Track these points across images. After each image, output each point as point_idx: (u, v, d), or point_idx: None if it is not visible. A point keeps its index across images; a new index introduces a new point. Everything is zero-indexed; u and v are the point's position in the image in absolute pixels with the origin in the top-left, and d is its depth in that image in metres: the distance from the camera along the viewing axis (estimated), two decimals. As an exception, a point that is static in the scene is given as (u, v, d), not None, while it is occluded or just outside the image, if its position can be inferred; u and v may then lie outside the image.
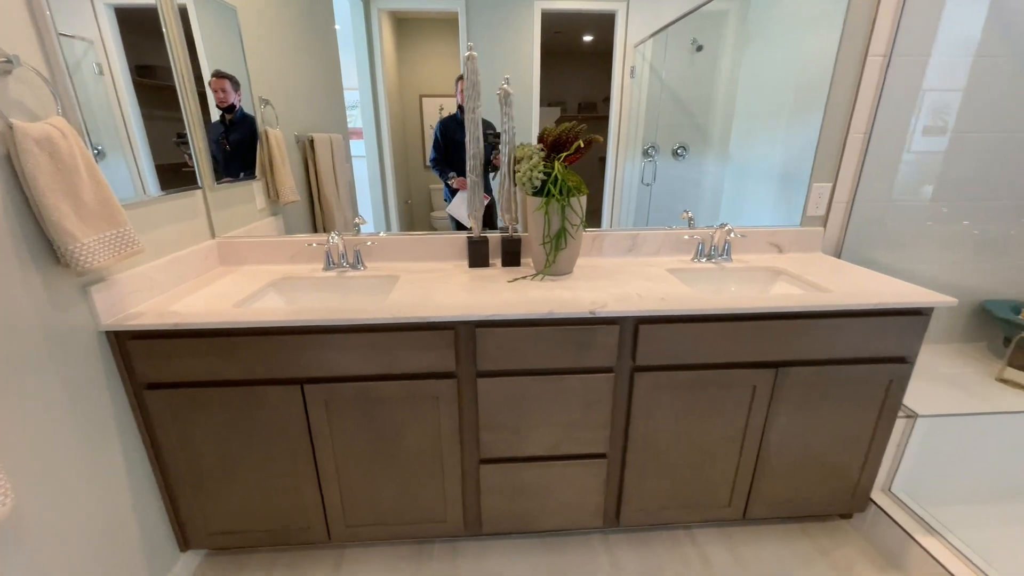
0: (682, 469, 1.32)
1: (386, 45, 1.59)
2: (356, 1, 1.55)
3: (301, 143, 1.64)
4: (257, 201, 1.62)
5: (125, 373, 1.11)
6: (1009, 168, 1.61)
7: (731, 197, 1.74)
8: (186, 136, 1.38)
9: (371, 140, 1.67)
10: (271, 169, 1.59)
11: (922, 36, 1.44)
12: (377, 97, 1.62)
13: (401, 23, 1.59)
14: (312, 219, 1.70)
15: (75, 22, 1.03)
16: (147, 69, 1.25)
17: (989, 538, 1.31)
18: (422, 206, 1.80)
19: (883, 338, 1.21)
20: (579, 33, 1.62)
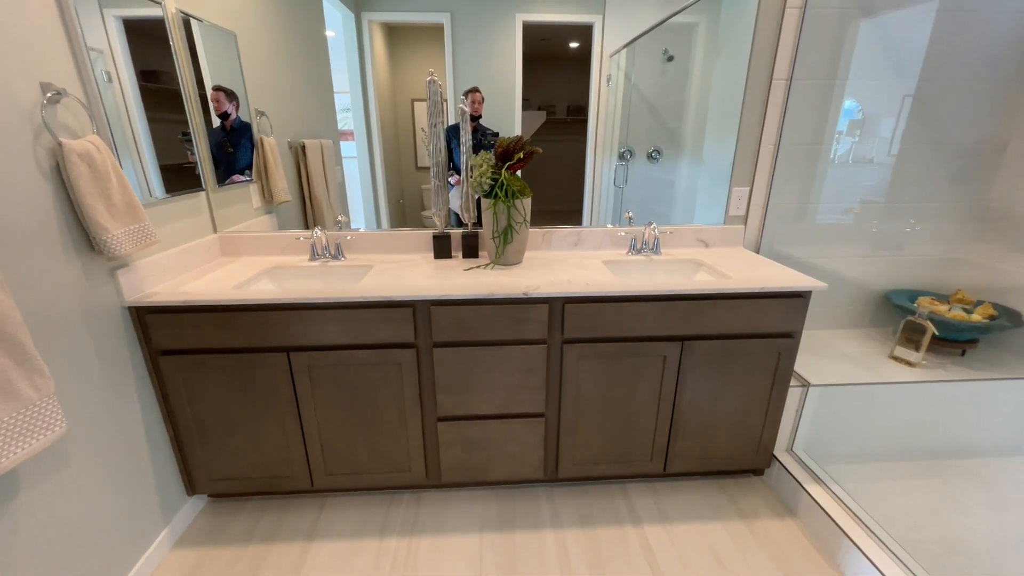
0: (609, 428, 1.57)
1: (378, 52, 1.75)
2: (348, 12, 1.73)
3: (294, 148, 1.86)
4: (253, 201, 1.85)
5: (143, 342, 1.36)
6: (902, 175, 1.86)
7: (704, 198, 1.94)
8: (190, 135, 1.61)
9: (362, 142, 1.85)
10: (266, 173, 1.83)
11: (820, 62, 1.69)
12: (368, 102, 1.79)
13: (392, 31, 1.75)
14: (304, 217, 1.92)
15: (88, 34, 1.18)
16: (152, 75, 1.45)
17: (870, 489, 1.57)
18: (414, 206, 1.98)
19: (771, 317, 1.46)
20: (564, 40, 1.77)
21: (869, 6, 1.67)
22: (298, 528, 1.54)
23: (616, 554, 1.45)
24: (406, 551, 1.46)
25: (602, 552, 1.45)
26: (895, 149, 1.84)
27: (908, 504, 1.57)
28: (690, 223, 1.89)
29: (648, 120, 1.93)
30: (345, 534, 1.52)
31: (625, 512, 1.61)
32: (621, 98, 1.85)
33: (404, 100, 1.83)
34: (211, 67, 1.65)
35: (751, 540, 1.49)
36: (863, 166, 1.87)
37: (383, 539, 1.50)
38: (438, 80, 1.60)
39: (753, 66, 1.69)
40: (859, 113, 1.81)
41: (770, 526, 1.54)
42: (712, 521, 1.57)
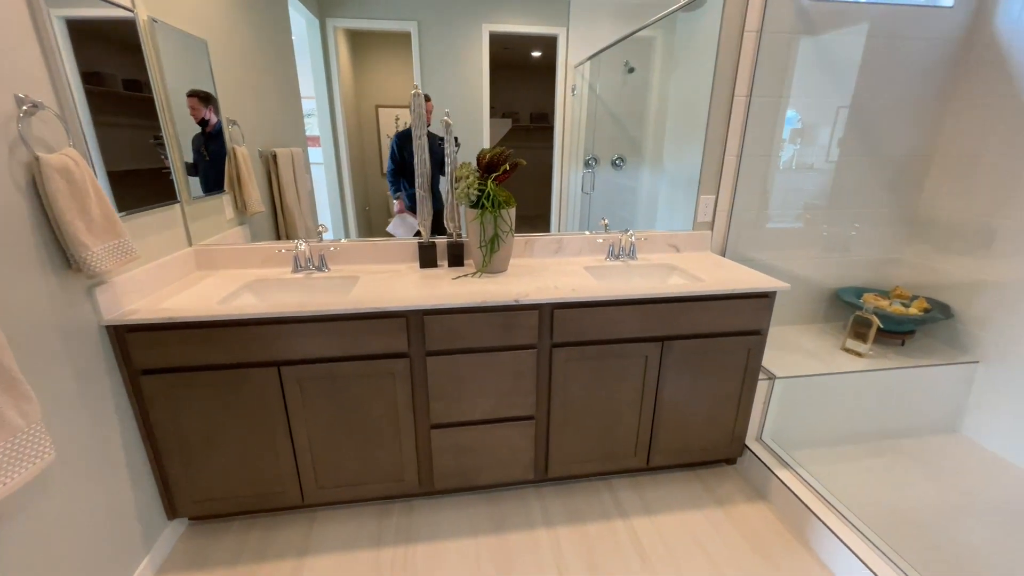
0: (596, 426, 1.64)
1: (342, 57, 1.74)
2: (312, 18, 1.72)
3: (264, 157, 1.83)
4: (226, 212, 1.81)
5: (122, 361, 1.30)
6: (842, 182, 2.05)
7: (666, 204, 2.06)
8: (162, 138, 1.55)
9: (328, 149, 1.83)
10: (239, 183, 1.79)
11: (773, 79, 1.85)
12: (334, 108, 1.78)
13: (356, 37, 1.74)
14: (275, 228, 1.89)
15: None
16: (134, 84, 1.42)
17: (830, 471, 1.71)
18: (380, 213, 1.97)
19: (741, 316, 1.58)
20: (527, 49, 1.83)
21: (811, 27, 1.83)
22: (289, 545, 1.51)
23: (607, 547, 1.51)
24: (403, 559, 1.46)
25: (594, 546, 1.52)
26: (833, 156, 2.02)
27: (863, 482, 1.72)
28: (652, 228, 2.00)
29: (612, 129, 2.01)
30: (339, 547, 1.50)
31: (612, 507, 1.68)
32: (586, 107, 1.92)
33: (368, 106, 1.82)
34: (182, 74, 1.61)
35: (728, 525, 1.60)
36: (806, 172, 2.04)
37: (379, 549, 1.50)
38: (422, 93, 1.63)
39: (717, 84, 1.82)
40: (799, 123, 1.97)
41: (745, 511, 1.66)
42: (692, 510, 1.67)
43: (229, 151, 1.74)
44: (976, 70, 1.88)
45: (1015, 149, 1.77)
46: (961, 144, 1.96)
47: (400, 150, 1.84)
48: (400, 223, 1.90)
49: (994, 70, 1.82)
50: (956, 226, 1.99)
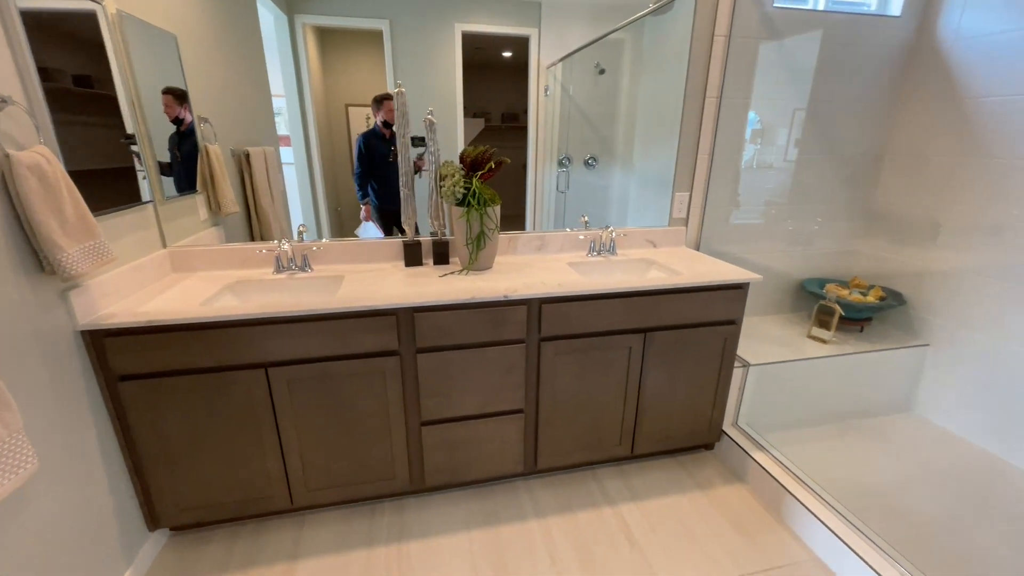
0: (583, 417, 1.68)
1: (311, 55, 1.71)
2: (280, 14, 1.69)
3: (237, 157, 1.79)
4: (200, 213, 1.76)
5: (99, 368, 1.25)
6: (802, 180, 2.18)
7: (636, 201, 2.12)
8: (134, 137, 1.49)
9: (299, 148, 1.79)
10: (212, 183, 1.74)
11: (740, 81, 1.94)
12: (305, 107, 1.74)
13: (324, 34, 1.70)
14: (249, 229, 1.83)
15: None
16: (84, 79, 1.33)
17: (800, 451, 1.81)
18: (352, 213, 1.92)
19: (717, 307, 1.66)
20: (498, 49, 1.83)
21: (772, 32, 1.94)
22: (279, 549, 1.49)
23: (597, 534, 1.56)
24: (397, 557, 1.47)
25: (584, 534, 1.56)
26: (792, 155, 2.14)
27: (830, 460, 1.84)
28: (624, 224, 2.06)
29: (584, 129, 2.05)
30: (331, 549, 1.49)
31: (599, 495, 1.73)
32: (559, 108, 1.96)
33: (338, 105, 1.79)
34: (153, 70, 1.55)
35: (710, 507, 1.68)
36: (769, 171, 2.15)
37: (372, 548, 1.49)
38: (404, 91, 1.63)
39: (689, 86, 1.90)
40: (759, 123, 2.08)
41: (725, 492, 1.74)
42: (676, 494, 1.74)
43: (201, 150, 1.69)
44: (922, 75, 2.04)
45: (957, 149, 1.93)
46: (909, 144, 2.12)
47: (368, 150, 1.82)
48: (367, 228, 1.88)
49: (938, 75, 1.98)
50: (906, 220, 2.15)
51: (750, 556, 1.48)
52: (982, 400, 1.90)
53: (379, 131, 1.78)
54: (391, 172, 1.82)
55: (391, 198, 1.82)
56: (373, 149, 1.79)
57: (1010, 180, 1.76)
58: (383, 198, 1.87)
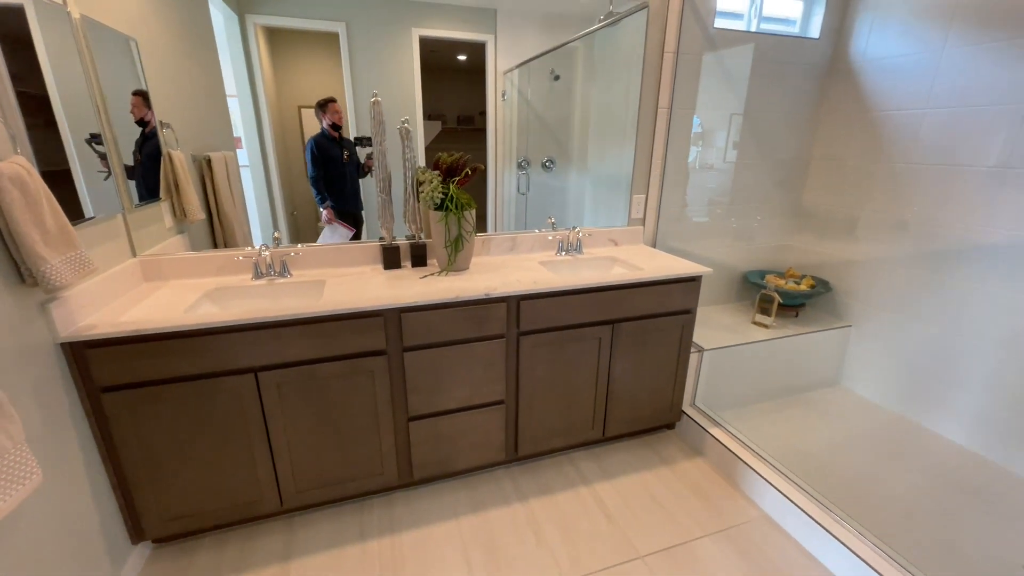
0: (559, 405, 1.81)
1: (262, 56, 1.69)
2: (231, 14, 1.66)
3: (198, 162, 1.77)
4: (165, 220, 1.73)
5: (81, 380, 1.23)
6: (747, 182, 2.42)
7: (591, 201, 2.26)
8: (100, 137, 1.45)
9: (254, 151, 1.77)
10: (177, 189, 1.71)
11: (689, 95, 2.14)
12: (259, 108, 1.72)
13: (274, 34, 1.67)
14: (212, 236, 1.79)
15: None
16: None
17: (750, 425, 2.03)
18: (308, 218, 1.90)
19: (675, 298, 1.84)
20: (452, 53, 1.86)
21: (713, 46, 2.15)
22: (271, 552, 1.50)
23: (576, 511, 1.69)
24: (391, 548, 1.53)
25: (565, 512, 1.69)
26: (730, 157, 2.37)
27: (775, 432, 2.07)
28: (581, 224, 2.18)
29: (541, 132, 2.15)
30: (324, 546, 1.53)
31: (576, 477, 1.86)
32: (516, 112, 2.05)
33: (290, 107, 1.78)
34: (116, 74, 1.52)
35: (675, 480, 1.85)
36: (714, 173, 2.38)
37: (365, 542, 1.55)
38: (381, 101, 1.69)
39: (643, 99, 2.08)
40: (700, 127, 2.29)
41: (686, 466, 1.93)
42: (644, 471, 1.90)
43: (164, 156, 1.67)
44: (838, 90, 2.33)
45: (868, 155, 2.22)
46: (830, 149, 2.41)
47: (321, 153, 1.81)
48: (331, 233, 1.89)
49: (851, 90, 2.27)
50: (830, 217, 2.44)
51: (711, 519, 1.66)
52: (895, 372, 2.21)
53: (328, 134, 1.79)
54: (346, 174, 1.85)
55: (348, 199, 1.86)
56: (326, 151, 1.80)
57: (911, 182, 2.06)
58: (340, 200, 1.89)
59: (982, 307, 1.86)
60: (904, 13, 2.04)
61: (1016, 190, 1.74)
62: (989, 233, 1.83)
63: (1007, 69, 1.73)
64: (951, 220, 1.94)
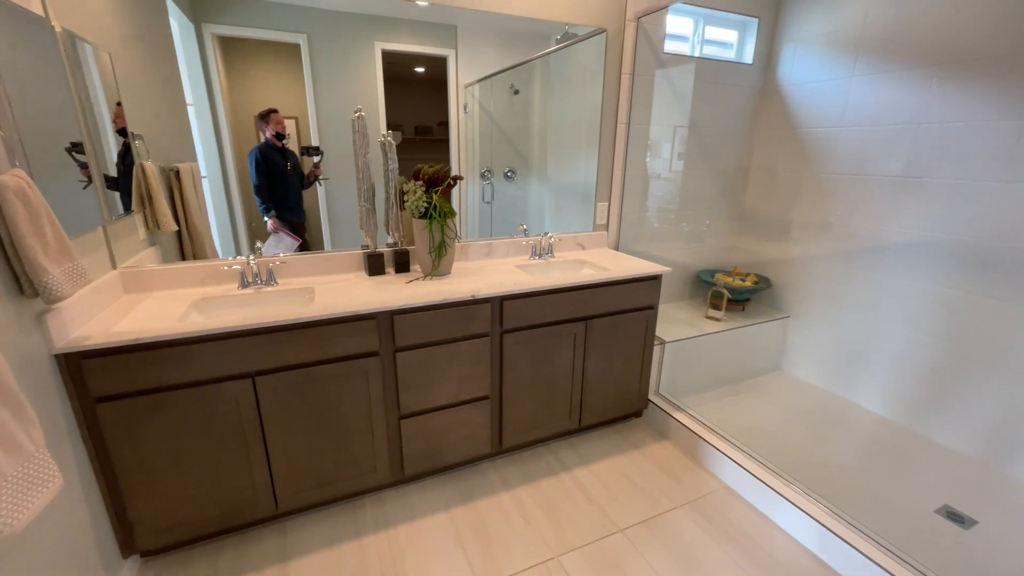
0: (539, 398, 1.94)
1: (219, 67, 1.69)
2: (186, 23, 1.65)
3: (167, 174, 1.77)
4: (139, 232, 1.72)
5: (75, 391, 1.23)
6: (696, 189, 2.69)
7: (551, 210, 2.41)
8: (81, 145, 1.44)
9: (213, 161, 1.76)
10: (150, 200, 1.71)
11: (644, 111, 2.37)
12: (217, 118, 1.72)
13: (227, 44, 1.65)
14: (180, 248, 1.77)
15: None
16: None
17: (708, 409, 2.25)
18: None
19: (639, 295, 2.03)
20: (410, 66, 1.91)
21: (663, 67, 2.39)
22: (267, 556, 1.53)
23: (560, 496, 1.82)
24: (387, 542, 1.59)
25: (549, 497, 1.81)
26: (679, 168, 2.62)
27: (730, 413, 2.30)
28: (542, 232, 2.31)
29: (502, 144, 2.26)
30: (321, 546, 1.57)
31: (556, 465, 2.00)
32: (478, 124, 2.15)
33: (249, 118, 1.78)
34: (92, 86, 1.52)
35: (645, 461, 2.03)
36: (666, 181, 2.61)
37: (361, 539, 1.60)
38: (364, 115, 1.77)
39: (604, 114, 2.28)
40: (653, 140, 2.50)
41: (655, 449, 2.11)
42: (617, 456, 2.07)
43: (137, 167, 1.67)
44: (770, 108, 2.64)
45: (796, 166, 2.54)
46: (764, 160, 2.72)
47: (266, 163, 1.80)
48: (276, 242, 1.87)
49: (780, 109, 2.58)
50: (767, 220, 2.74)
51: (679, 492, 1.85)
52: (826, 355, 2.51)
53: (273, 144, 1.79)
54: (289, 184, 1.84)
55: (292, 209, 1.86)
56: (271, 161, 1.79)
57: (832, 190, 2.38)
58: (284, 209, 1.87)
59: (891, 295, 2.19)
60: (820, 45, 2.36)
61: (912, 196, 2.07)
62: (894, 233, 2.16)
63: (901, 94, 2.06)
64: (864, 222, 2.26)
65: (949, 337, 2.01)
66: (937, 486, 1.83)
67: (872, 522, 1.52)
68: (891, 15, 2.08)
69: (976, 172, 1.88)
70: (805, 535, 1.59)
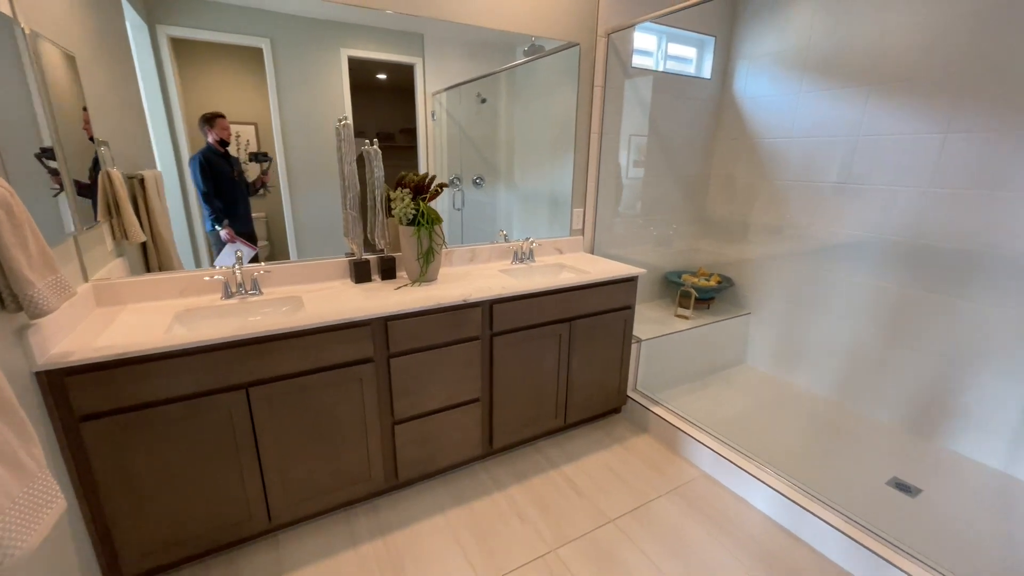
0: (527, 397, 2.00)
1: (173, 70, 1.63)
2: (140, 23, 1.58)
3: (131, 182, 1.71)
4: (107, 243, 1.65)
5: (58, 409, 1.17)
6: (664, 194, 2.84)
7: (519, 216, 2.46)
8: (51, 151, 1.38)
9: (169, 167, 1.70)
10: (118, 210, 1.65)
11: (614, 124, 2.49)
12: (174, 123, 1.65)
13: (179, 46, 1.59)
14: (145, 259, 1.70)
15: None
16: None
17: (682, 401, 2.38)
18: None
19: (618, 296, 2.13)
20: (383, 72, 1.90)
21: (630, 77, 2.52)
22: (262, 570, 1.49)
23: (551, 492, 1.88)
24: (385, 548, 1.59)
25: (541, 494, 1.87)
26: (648, 175, 2.75)
27: (702, 405, 2.45)
28: (511, 238, 2.35)
29: (470, 151, 2.29)
30: (317, 557, 1.55)
31: (545, 463, 2.06)
32: (446, 132, 2.17)
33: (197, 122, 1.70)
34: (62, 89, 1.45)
35: (628, 454, 2.13)
36: (631, 187, 2.75)
37: (358, 547, 1.59)
38: (350, 123, 1.78)
39: (579, 124, 2.38)
40: (623, 149, 2.63)
41: (636, 442, 2.21)
42: (601, 450, 2.15)
43: (103, 175, 1.60)
44: (727, 120, 2.85)
45: (752, 173, 2.74)
46: (723, 168, 2.92)
47: (211, 168, 1.73)
48: (231, 251, 1.78)
49: (737, 120, 2.79)
50: (728, 224, 2.94)
51: (661, 482, 1.95)
52: (783, 348, 2.72)
53: (216, 149, 1.72)
54: (237, 192, 1.77)
55: (242, 218, 1.78)
56: (216, 167, 1.72)
57: (784, 195, 2.59)
58: (234, 218, 1.79)
59: (838, 290, 2.41)
60: (770, 63, 2.58)
61: (851, 200, 2.30)
62: (838, 234, 2.38)
63: (841, 109, 2.29)
64: (812, 225, 2.48)
65: (886, 325, 2.25)
66: (886, 460, 2.03)
67: (835, 496, 1.67)
68: (830, 39, 2.31)
69: (905, 179, 2.12)
70: (777, 512, 1.73)
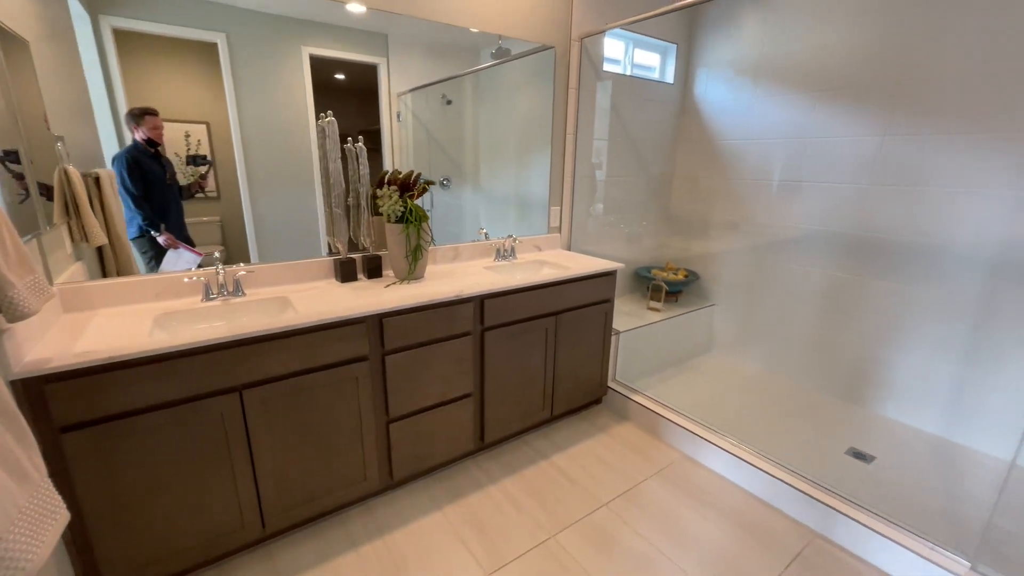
0: (517, 391, 2.03)
1: (117, 64, 1.53)
2: (82, 13, 1.47)
3: (86, 180, 1.61)
4: (66, 246, 1.55)
5: (37, 421, 1.09)
6: (633, 193, 2.97)
7: (486, 216, 2.46)
8: (16, 154, 1.28)
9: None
10: (77, 210, 1.55)
11: (587, 126, 2.59)
12: (119, 119, 1.55)
13: (122, 37, 1.51)
14: (101, 263, 1.59)
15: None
16: None
17: (659, 389, 2.50)
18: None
19: (598, 290, 2.22)
20: (346, 72, 1.85)
21: (601, 80, 2.63)
22: (257, 581, 1.44)
23: (543, 481, 1.92)
24: (385, 548, 1.57)
25: (534, 484, 1.91)
26: (618, 174, 2.84)
27: (677, 391, 2.57)
28: (477, 238, 2.37)
29: (437, 152, 2.28)
30: (316, 561, 1.51)
31: (535, 455, 2.10)
32: (412, 133, 2.16)
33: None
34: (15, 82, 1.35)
35: (613, 442, 2.21)
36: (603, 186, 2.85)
37: (358, 549, 1.56)
38: (334, 120, 1.75)
39: (555, 126, 2.45)
40: (595, 149, 2.73)
41: (620, 429, 2.30)
42: (588, 439, 2.22)
43: (59, 172, 1.50)
44: (689, 122, 3.02)
45: (712, 173, 2.92)
46: (686, 168, 3.09)
47: (140, 169, 1.61)
48: (176, 258, 1.68)
49: (698, 123, 2.96)
50: (691, 221, 3.11)
51: (646, 465, 2.04)
52: (745, 335, 2.91)
53: (144, 148, 1.59)
54: (172, 195, 1.67)
55: (178, 225, 1.68)
56: (145, 168, 1.61)
57: (741, 194, 2.78)
58: (168, 223, 1.67)
59: (791, 280, 2.61)
60: (727, 70, 2.77)
61: (800, 197, 2.51)
62: (786, 229, 2.59)
63: (790, 113, 2.50)
64: (767, 220, 2.68)
65: (829, 310, 2.47)
66: (842, 432, 2.23)
67: (803, 466, 1.82)
68: (778, 49, 2.52)
69: (847, 177, 2.34)
70: (755, 485, 1.86)
